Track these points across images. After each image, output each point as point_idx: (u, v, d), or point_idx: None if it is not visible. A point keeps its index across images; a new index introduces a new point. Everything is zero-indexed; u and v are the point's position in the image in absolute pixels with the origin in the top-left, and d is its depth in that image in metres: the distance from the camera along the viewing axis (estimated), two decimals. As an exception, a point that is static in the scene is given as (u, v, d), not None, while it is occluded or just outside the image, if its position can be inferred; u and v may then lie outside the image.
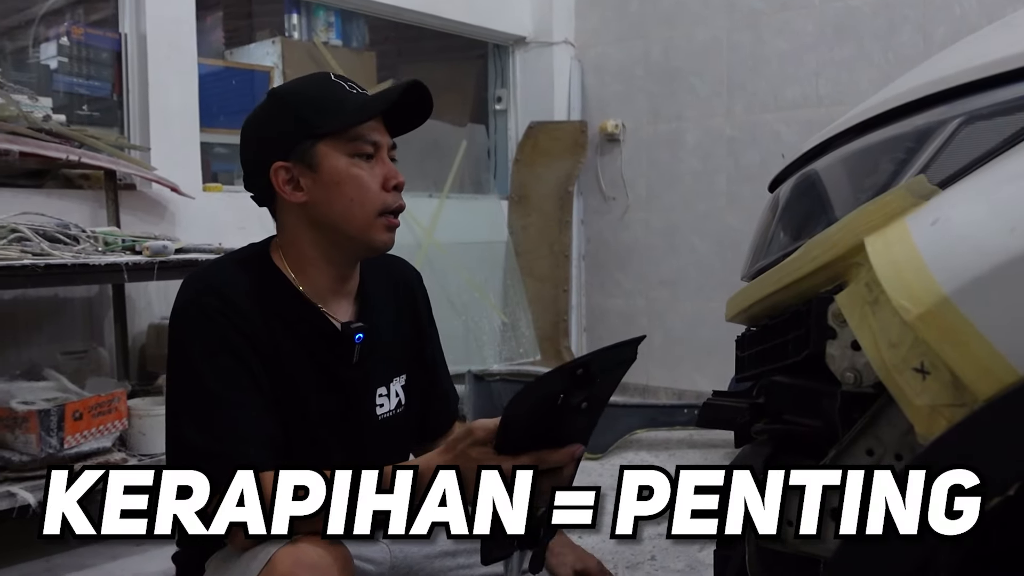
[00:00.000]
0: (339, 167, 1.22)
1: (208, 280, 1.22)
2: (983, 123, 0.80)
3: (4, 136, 2.55)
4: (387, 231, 1.26)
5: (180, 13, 3.11)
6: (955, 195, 0.78)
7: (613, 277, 4.46)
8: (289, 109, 1.24)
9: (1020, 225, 0.69)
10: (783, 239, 1.15)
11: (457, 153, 4.18)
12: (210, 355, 1.17)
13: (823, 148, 1.14)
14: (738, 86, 3.98)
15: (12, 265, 1.93)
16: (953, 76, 0.86)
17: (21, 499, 2.07)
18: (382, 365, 1.34)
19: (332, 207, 1.23)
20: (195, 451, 1.14)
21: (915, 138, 0.87)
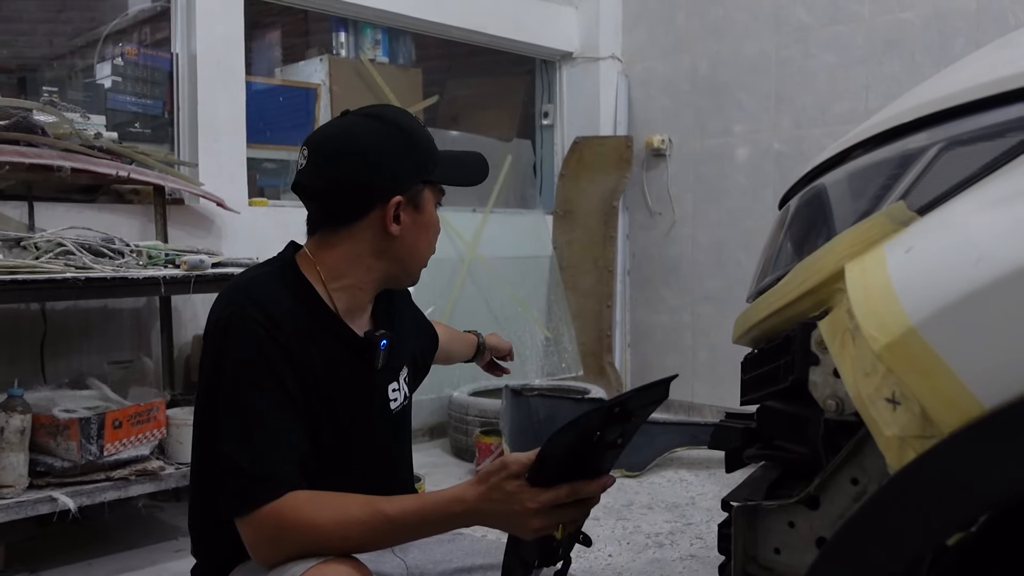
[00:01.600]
0: (434, 213, 1.33)
1: (251, 294, 1.23)
2: (964, 148, 0.78)
3: (58, 153, 2.65)
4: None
5: (229, 33, 3.20)
6: (930, 223, 0.77)
7: (658, 293, 4.42)
8: (416, 149, 1.29)
9: (986, 255, 0.67)
10: (789, 255, 1.13)
11: (502, 168, 4.20)
12: (249, 368, 1.17)
13: (833, 162, 1.12)
14: (786, 100, 3.92)
15: (55, 278, 2.01)
16: (939, 100, 0.84)
17: (62, 503, 2.15)
18: (393, 366, 1.40)
19: (417, 245, 1.31)
20: (228, 463, 1.14)
21: (899, 163, 0.85)
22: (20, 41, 4.40)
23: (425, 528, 1.11)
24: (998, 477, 0.62)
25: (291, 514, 1.10)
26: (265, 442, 1.14)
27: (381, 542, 1.15)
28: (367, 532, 1.10)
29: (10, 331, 2.70)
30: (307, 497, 1.12)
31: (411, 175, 1.27)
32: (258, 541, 1.13)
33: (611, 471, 1.10)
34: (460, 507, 1.07)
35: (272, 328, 1.19)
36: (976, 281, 0.67)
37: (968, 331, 0.67)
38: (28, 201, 2.74)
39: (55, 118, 2.70)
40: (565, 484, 1.02)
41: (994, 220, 0.70)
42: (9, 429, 2.11)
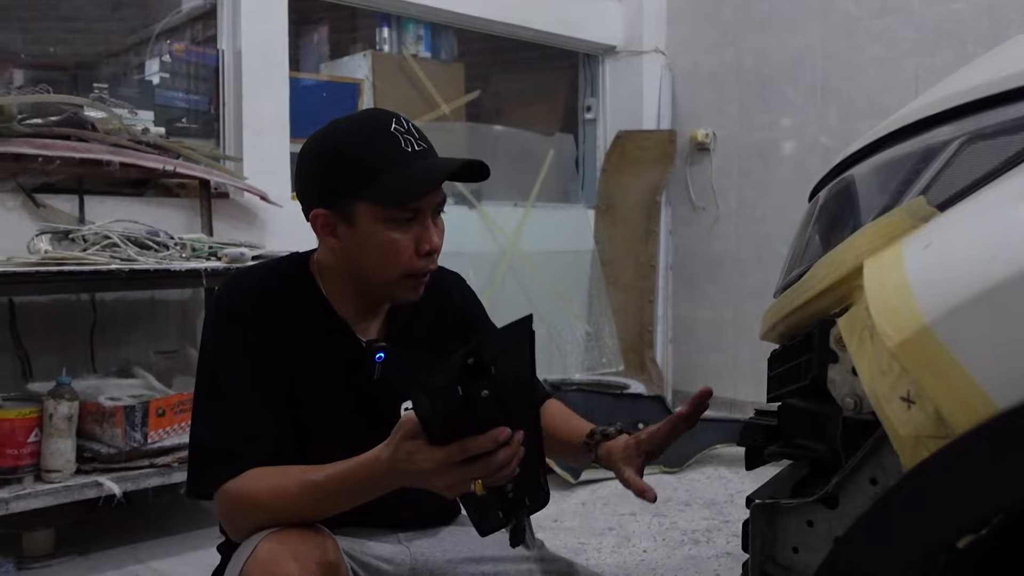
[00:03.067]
0: (375, 231, 1.21)
1: (237, 284, 1.29)
2: (985, 143, 0.76)
3: (107, 148, 2.72)
4: (412, 290, 1.27)
5: (273, 30, 3.25)
6: (949, 219, 0.75)
7: (701, 288, 4.38)
8: (341, 160, 1.22)
9: (1001, 253, 0.66)
10: (815, 249, 1.11)
11: (544, 163, 4.20)
12: (228, 355, 1.23)
13: (863, 154, 1.10)
14: (833, 94, 3.85)
15: (100, 270, 2.06)
16: (963, 92, 0.82)
17: (108, 488, 2.22)
18: (411, 381, 1.35)
19: (361, 261, 1.25)
20: (200, 444, 1.21)
21: (922, 157, 0.84)
22: (77, 39, 4.53)
23: (354, 491, 1.12)
24: (1008, 479, 0.61)
25: (242, 489, 1.15)
26: (232, 423, 1.19)
27: (320, 509, 1.16)
28: (303, 501, 1.14)
29: (62, 321, 2.78)
30: (257, 473, 1.16)
31: (336, 188, 1.22)
32: (223, 517, 1.20)
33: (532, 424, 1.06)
34: (378, 467, 1.07)
35: (251, 315, 1.23)
36: (990, 279, 0.65)
37: (982, 330, 0.66)
38: (79, 195, 2.81)
39: (104, 114, 2.77)
40: (457, 442, 0.99)
41: (1011, 217, 0.68)
42: (57, 416, 2.18)
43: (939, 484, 0.65)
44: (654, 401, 3.51)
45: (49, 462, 2.18)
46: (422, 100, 3.87)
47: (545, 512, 2.75)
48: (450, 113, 3.96)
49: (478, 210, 3.88)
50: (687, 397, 4.43)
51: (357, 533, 1.30)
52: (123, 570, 2.34)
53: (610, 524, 2.75)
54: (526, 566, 1.37)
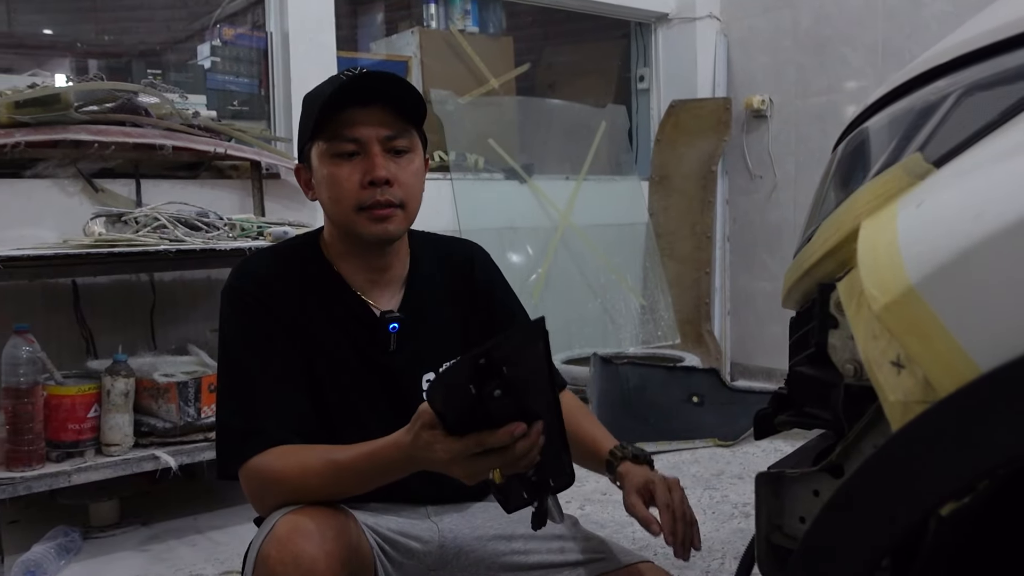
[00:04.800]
0: (322, 168, 1.26)
1: (247, 266, 1.32)
2: (983, 94, 0.73)
3: (160, 132, 2.80)
4: (373, 223, 1.25)
5: (320, 11, 3.28)
6: (943, 175, 0.72)
7: (760, 259, 4.29)
8: (303, 110, 1.30)
9: (987, 210, 0.62)
10: (831, 205, 1.07)
11: (596, 135, 4.15)
12: (242, 336, 1.26)
13: (881, 104, 1.04)
14: (894, 54, 3.70)
15: (148, 250, 2.13)
16: (964, 42, 0.78)
17: (164, 461, 2.30)
18: (429, 351, 1.35)
19: (326, 205, 1.29)
20: (223, 424, 1.25)
21: (922, 110, 0.80)
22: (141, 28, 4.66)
23: (377, 473, 1.14)
24: (987, 443, 0.58)
25: (266, 468, 1.17)
26: (252, 402, 1.21)
27: (344, 489, 1.18)
28: (327, 480, 1.16)
29: (123, 301, 2.88)
30: (280, 451, 1.18)
31: (301, 139, 1.30)
32: (248, 495, 1.22)
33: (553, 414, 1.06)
34: (399, 452, 1.08)
35: (262, 295, 1.26)
36: (973, 236, 0.62)
37: (965, 290, 0.63)
38: (136, 179, 2.90)
39: (157, 99, 2.84)
40: (473, 435, 1.00)
41: (999, 172, 0.65)
42: (115, 392, 2.26)
43: (915, 449, 0.63)
44: (708, 374, 3.47)
45: (108, 436, 2.27)
46: (471, 75, 3.87)
47: (594, 485, 2.76)
48: (499, 87, 3.95)
49: (529, 185, 3.87)
50: (746, 369, 4.37)
51: (384, 509, 1.30)
52: (183, 539, 2.43)
53: (660, 497, 2.73)
54: (557, 544, 1.36)
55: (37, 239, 2.71)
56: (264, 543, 1.12)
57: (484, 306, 1.45)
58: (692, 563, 2.21)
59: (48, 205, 2.76)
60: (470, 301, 1.44)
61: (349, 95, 1.22)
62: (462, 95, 3.79)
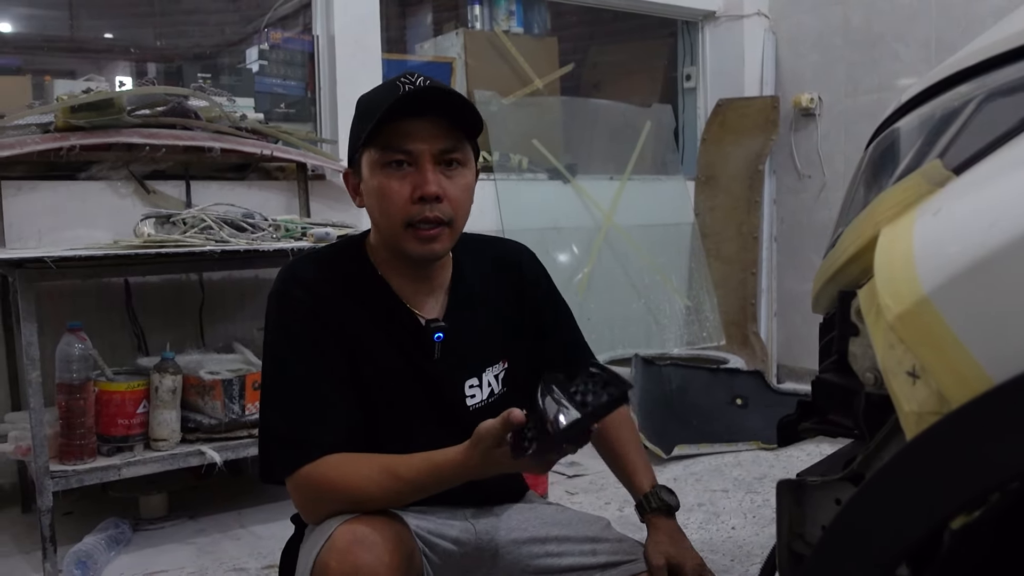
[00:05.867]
0: (372, 177, 1.23)
1: (295, 270, 1.30)
2: (1004, 100, 0.71)
3: (209, 135, 2.86)
4: (419, 242, 1.23)
5: (365, 13, 3.32)
6: (961, 183, 0.70)
7: (807, 259, 4.22)
8: (356, 115, 1.28)
9: (1001, 219, 0.61)
10: (858, 207, 1.05)
11: (641, 135, 4.13)
12: (289, 340, 1.24)
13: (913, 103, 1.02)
14: (948, 50, 3.61)
15: (194, 251, 2.18)
16: (988, 46, 0.77)
17: (209, 457, 2.35)
18: (472, 357, 1.35)
19: (373, 214, 1.27)
20: (270, 430, 1.24)
21: (944, 117, 0.79)
22: (195, 32, 4.78)
23: (436, 485, 1.18)
24: (997, 456, 0.57)
25: (321, 478, 1.18)
26: (302, 409, 1.21)
27: (401, 499, 1.20)
28: (385, 492, 1.17)
29: (174, 300, 2.96)
30: (336, 460, 1.18)
31: (352, 145, 1.27)
32: (299, 503, 1.22)
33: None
34: (463, 469, 1.13)
35: (311, 300, 1.24)
36: (987, 246, 0.61)
37: (977, 301, 0.62)
38: (186, 180, 2.98)
39: (206, 103, 2.91)
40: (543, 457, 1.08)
41: (1014, 181, 0.63)
42: (163, 389, 2.32)
43: (925, 462, 0.62)
44: (752, 376, 3.43)
45: (156, 432, 2.33)
46: (515, 76, 3.88)
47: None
48: (544, 88, 3.95)
49: (573, 185, 3.87)
50: (792, 371, 4.31)
51: (425, 511, 1.31)
52: (228, 533, 2.49)
53: (700, 500, 2.71)
54: (589, 546, 1.37)
55: (91, 239, 2.79)
56: (323, 552, 1.13)
57: (531, 307, 1.44)
58: (729, 567, 2.20)
59: (101, 206, 2.84)
60: (516, 303, 1.42)
61: (406, 105, 1.19)
62: (506, 96, 3.81)
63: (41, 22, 4.76)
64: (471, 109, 1.24)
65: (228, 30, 4.51)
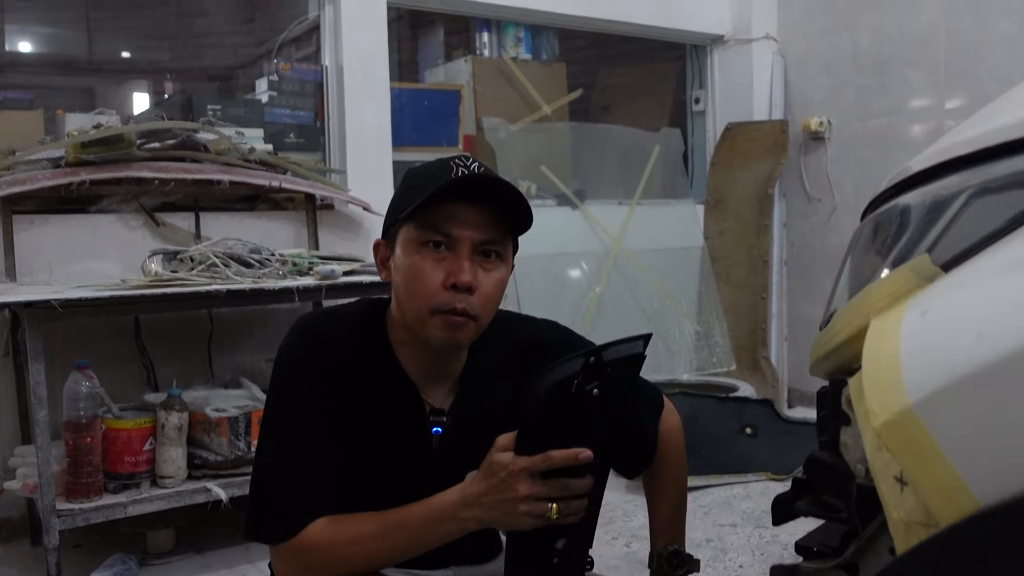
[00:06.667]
0: (406, 253, 1.19)
1: (314, 328, 1.26)
2: (992, 197, 0.71)
3: (218, 167, 2.88)
4: (443, 329, 1.18)
5: (373, 44, 3.33)
6: (948, 283, 0.70)
7: (819, 283, 4.20)
8: (403, 188, 1.24)
9: (987, 330, 0.61)
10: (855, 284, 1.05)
11: (650, 159, 4.13)
12: (294, 403, 1.21)
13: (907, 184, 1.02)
14: (957, 75, 3.60)
15: (199, 291, 2.20)
16: (977, 137, 0.76)
17: (215, 494, 2.36)
18: (477, 449, 1.26)
19: (399, 292, 1.22)
20: (263, 493, 1.21)
21: (934, 206, 0.78)
22: (208, 54, 4.83)
23: (434, 523, 1.13)
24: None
25: (312, 541, 1.15)
26: (297, 477, 1.18)
27: (398, 551, 1.17)
28: (382, 544, 1.14)
29: (182, 331, 2.97)
30: (326, 522, 1.16)
31: (390, 215, 1.24)
32: (289, 569, 1.19)
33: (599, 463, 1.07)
34: (458, 494, 1.10)
35: (320, 366, 1.21)
36: (973, 361, 0.61)
37: (963, 417, 0.61)
38: (195, 212, 2.99)
39: (215, 136, 2.93)
40: (543, 453, 1.03)
41: (1000, 289, 0.63)
42: (169, 426, 2.33)
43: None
44: (762, 405, 3.41)
45: (162, 468, 2.34)
46: (523, 102, 3.89)
47: (642, 520, 2.73)
48: (552, 114, 3.96)
49: (581, 210, 3.87)
50: (804, 396, 4.28)
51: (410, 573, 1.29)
52: (234, 569, 2.49)
53: (708, 535, 2.70)
54: None
55: (101, 271, 2.82)
56: None
57: None
58: (736, 610, 2.18)
59: (111, 239, 2.86)
60: None
61: (459, 188, 1.15)
62: (515, 122, 3.82)
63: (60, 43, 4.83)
64: (524, 205, 1.19)
65: (240, 52, 4.57)
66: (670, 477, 1.44)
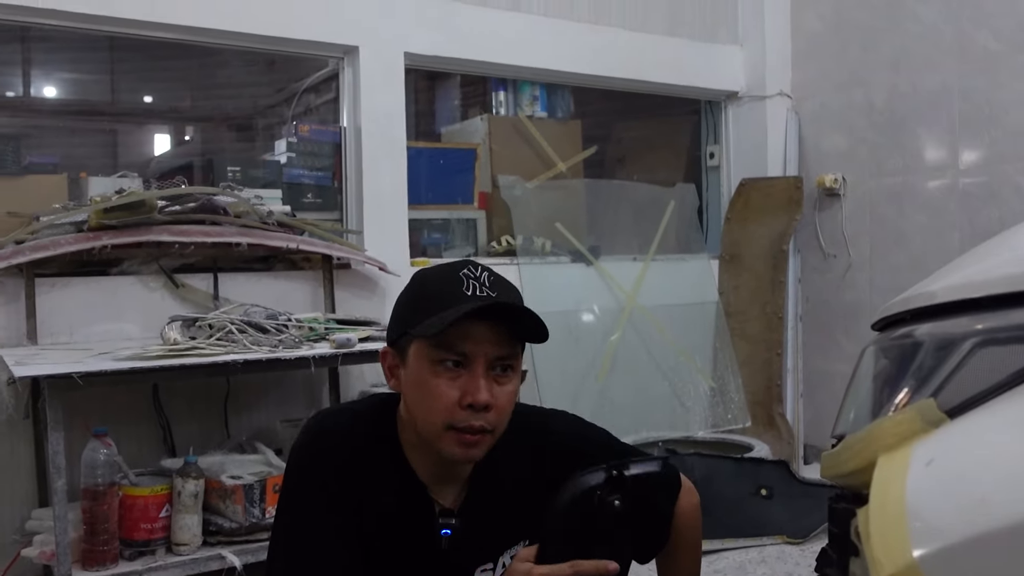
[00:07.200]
0: (419, 369, 1.19)
1: (326, 428, 1.29)
2: (997, 349, 0.72)
3: (236, 230, 2.93)
4: (458, 446, 1.18)
5: (391, 106, 3.39)
6: (953, 433, 0.71)
7: (835, 339, 4.19)
8: (412, 297, 1.24)
9: (989, 496, 0.61)
10: (861, 408, 1.06)
11: (664, 215, 4.15)
12: (310, 501, 1.22)
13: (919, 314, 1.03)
14: (972, 135, 3.61)
15: (216, 362, 2.22)
16: (984, 283, 0.77)
17: (229, 561, 2.36)
18: (488, 544, 1.31)
19: (411, 406, 1.22)
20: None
21: (939, 346, 0.79)
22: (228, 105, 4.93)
23: None
24: None
25: None
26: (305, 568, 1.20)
27: None
28: None
29: (200, 392, 3.00)
30: None
31: (400, 325, 1.23)
32: None
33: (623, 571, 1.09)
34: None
35: (334, 469, 1.22)
36: (976, 525, 0.62)
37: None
38: (214, 272, 3.04)
39: (234, 199, 2.98)
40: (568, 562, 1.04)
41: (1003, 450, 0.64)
42: (185, 493, 2.35)
43: None
44: (777, 466, 3.39)
45: (178, 536, 2.35)
46: (539, 159, 3.93)
47: None
48: (567, 171, 4.00)
49: (595, 267, 3.89)
50: (820, 452, 4.24)
51: None
52: (248, 636, 2.49)
53: (724, 603, 2.67)
54: None
55: (121, 333, 2.86)
56: None
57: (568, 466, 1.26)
58: None
59: (132, 300, 2.91)
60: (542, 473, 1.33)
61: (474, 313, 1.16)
62: (530, 179, 3.85)
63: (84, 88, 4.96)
64: (534, 318, 1.20)
65: (259, 99, 4.66)
66: (686, 558, 1.43)
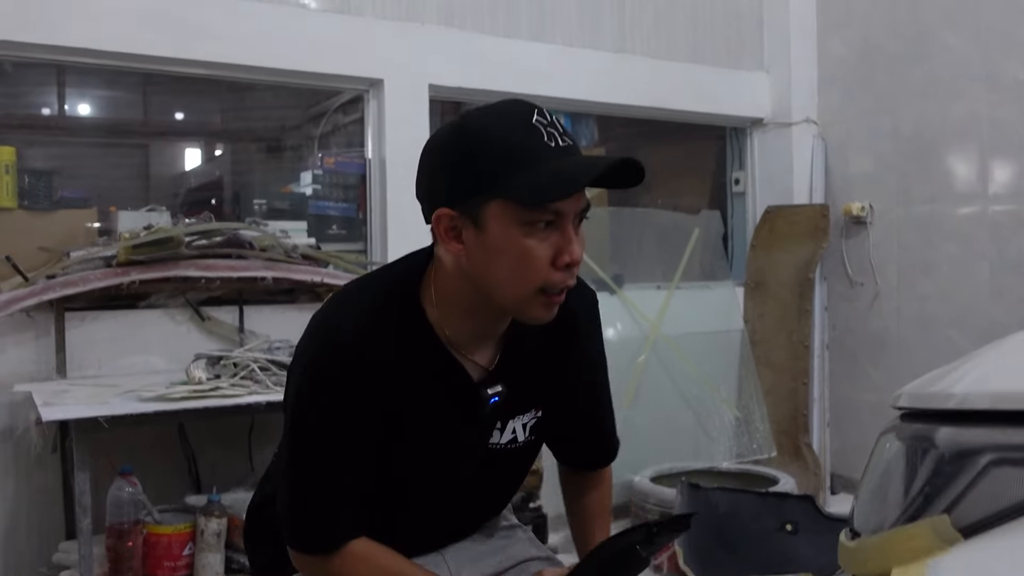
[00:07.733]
0: (508, 235, 1.07)
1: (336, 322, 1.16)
2: (1012, 470, 0.71)
3: (261, 263, 2.97)
4: (545, 308, 1.12)
5: (416, 138, 3.40)
6: (967, 557, 0.70)
7: (862, 368, 4.14)
8: (474, 156, 1.09)
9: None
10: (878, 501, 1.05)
11: (689, 242, 4.13)
12: (319, 413, 1.14)
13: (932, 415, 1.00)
14: (1002, 164, 3.57)
15: (240, 404, 2.25)
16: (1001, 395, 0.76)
17: (252, 599, 2.38)
18: (512, 408, 1.26)
19: (490, 272, 1.10)
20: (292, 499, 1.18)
21: (955, 457, 0.78)
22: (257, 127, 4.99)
23: None
24: None
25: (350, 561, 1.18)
26: (329, 487, 1.16)
27: None
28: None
29: (223, 425, 3.02)
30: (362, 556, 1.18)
31: (464, 187, 1.09)
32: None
33: None
34: None
35: (349, 365, 1.13)
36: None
37: None
38: (239, 306, 3.07)
39: (259, 232, 3.01)
40: None
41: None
42: (208, 532, 2.37)
43: None
44: (802, 500, 3.35)
45: (201, 573, 2.38)
46: (562, 188, 3.92)
47: None
48: (592, 198, 3.98)
49: (619, 295, 3.88)
50: (849, 482, 4.20)
51: None
52: (269, 672, 2.50)
53: (746, 645, 2.64)
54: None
55: (148, 366, 2.90)
56: None
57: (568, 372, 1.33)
58: None
59: (158, 333, 2.95)
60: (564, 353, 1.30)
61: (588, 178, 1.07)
62: (553, 208, 3.85)
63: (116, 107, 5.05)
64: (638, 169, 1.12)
65: (288, 123, 4.71)
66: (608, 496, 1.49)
